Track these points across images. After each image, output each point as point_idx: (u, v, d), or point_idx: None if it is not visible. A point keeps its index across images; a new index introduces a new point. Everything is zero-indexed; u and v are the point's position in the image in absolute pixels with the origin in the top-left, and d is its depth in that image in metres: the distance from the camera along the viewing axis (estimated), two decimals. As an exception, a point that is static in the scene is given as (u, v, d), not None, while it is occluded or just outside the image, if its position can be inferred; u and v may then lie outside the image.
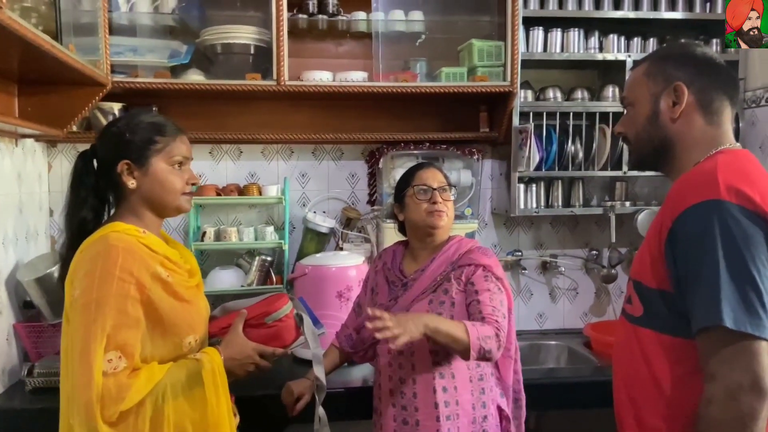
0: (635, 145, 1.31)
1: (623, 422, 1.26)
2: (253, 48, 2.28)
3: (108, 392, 1.15)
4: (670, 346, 1.16)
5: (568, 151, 2.45)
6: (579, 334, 2.57)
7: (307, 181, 2.57)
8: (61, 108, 2.05)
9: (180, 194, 1.37)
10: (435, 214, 1.66)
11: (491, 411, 1.65)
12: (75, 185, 1.37)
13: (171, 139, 1.36)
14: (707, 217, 1.07)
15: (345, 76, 2.34)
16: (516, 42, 2.33)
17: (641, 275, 1.21)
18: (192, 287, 1.38)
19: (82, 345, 1.17)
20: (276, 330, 1.43)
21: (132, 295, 1.21)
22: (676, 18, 2.48)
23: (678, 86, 1.22)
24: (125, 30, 2.25)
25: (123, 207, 1.36)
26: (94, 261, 1.22)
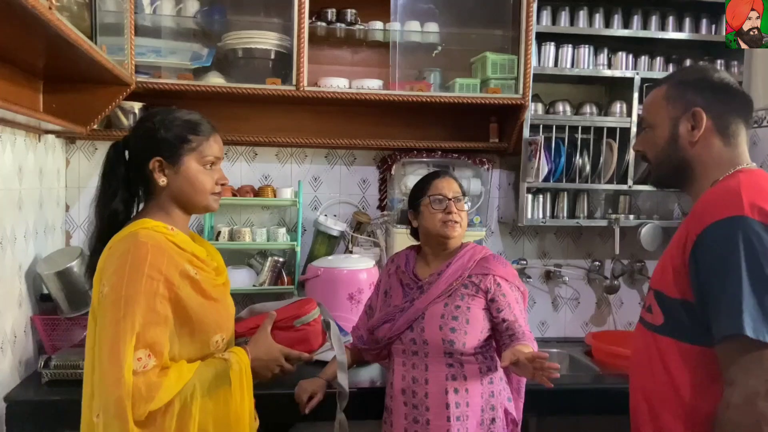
0: (656, 166, 1.37)
1: (640, 426, 1.31)
2: (274, 53, 2.33)
3: (138, 391, 1.14)
4: (690, 354, 1.20)
5: (575, 163, 2.51)
6: (580, 342, 2.63)
7: (320, 184, 2.62)
8: (85, 105, 2.08)
9: (209, 194, 1.36)
10: (449, 224, 1.71)
11: (499, 414, 1.69)
12: (107, 176, 1.35)
13: (204, 138, 1.34)
14: (732, 232, 1.13)
15: (361, 83, 2.40)
16: (529, 56, 2.40)
17: (663, 285, 1.26)
18: (219, 285, 1.37)
19: (112, 343, 1.16)
20: (304, 334, 1.44)
21: (161, 293, 1.21)
22: (682, 38, 2.55)
23: (697, 112, 1.27)
24: (148, 31, 2.30)
25: (152, 203, 1.35)
26: (124, 258, 1.21)
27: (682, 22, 2.58)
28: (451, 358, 1.65)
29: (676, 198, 2.78)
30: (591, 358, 2.48)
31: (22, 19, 1.28)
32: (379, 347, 1.77)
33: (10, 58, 1.70)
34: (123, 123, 2.33)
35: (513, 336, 1.61)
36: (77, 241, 2.44)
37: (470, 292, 1.68)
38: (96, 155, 2.46)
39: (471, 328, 1.64)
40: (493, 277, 1.69)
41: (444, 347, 1.64)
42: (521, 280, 2.66)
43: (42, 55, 1.76)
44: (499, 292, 1.67)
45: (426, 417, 1.64)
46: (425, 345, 1.66)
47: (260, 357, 1.37)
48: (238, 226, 2.47)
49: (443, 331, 1.64)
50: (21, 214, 1.98)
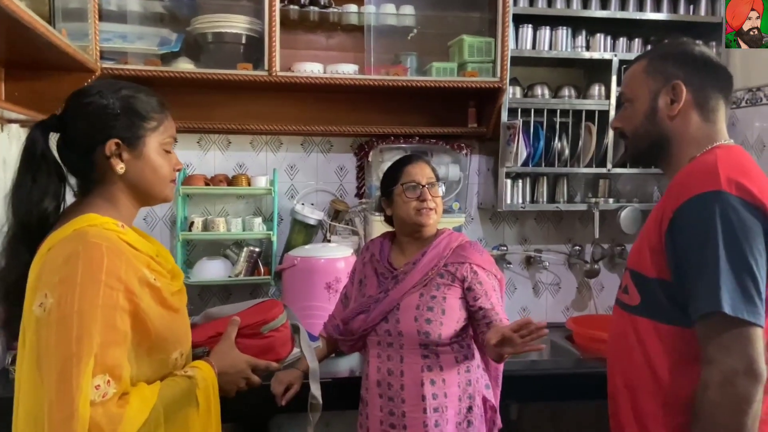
0: (632, 141, 1.34)
1: (619, 409, 1.29)
2: (245, 38, 2.27)
3: (96, 426, 0.94)
4: (667, 334, 1.19)
5: (554, 147, 2.49)
6: (561, 327, 2.61)
7: (296, 172, 2.57)
8: (48, 93, 2.00)
9: (169, 181, 1.19)
10: (424, 212, 1.66)
11: (477, 402, 1.67)
12: (32, 166, 1.09)
13: (164, 116, 1.16)
14: (709, 207, 1.10)
15: (336, 68, 2.35)
16: (506, 39, 2.36)
17: (639, 265, 1.24)
18: (176, 292, 1.17)
19: (61, 370, 0.94)
20: (271, 341, 1.31)
21: (121, 306, 1.01)
22: (661, 19, 2.53)
23: (677, 85, 1.25)
24: (114, 16, 2.22)
25: (95, 194, 1.13)
26: (72, 263, 0.99)
27: (661, 3, 2.55)
28: (426, 349, 1.62)
29: (656, 181, 2.77)
30: (572, 343, 2.47)
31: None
32: (354, 338, 1.73)
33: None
34: (90, 111, 2.25)
35: (490, 324, 1.58)
36: (46, 234, 2.37)
37: (446, 281, 1.64)
38: (63, 145, 2.39)
39: (447, 318, 1.61)
40: (469, 265, 1.65)
41: (419, 339, 1.60)
42: (501, 266, 2.69)
43: (4, 42, 1.69)
44: (475, 280, 1.64)
45: (402, 409, 1.61)
46: (400, 336, 1.62)
47: (226, 371, 1.21)
48: (213, 216, 2.41)
49: (418, 322, 1.60)
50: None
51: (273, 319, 1.32)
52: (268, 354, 1.30)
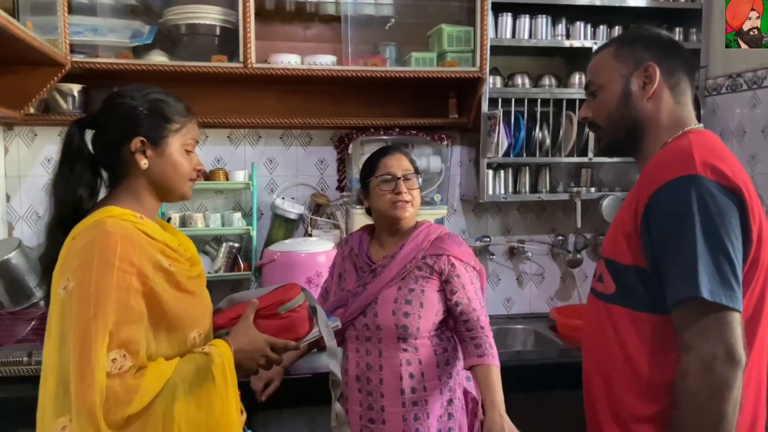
0: (607, 129, 1.30)
1: (594, 400, 1.28)
2: (219, 29, 2.23)
3: (114, 395, 1.06)
4: (643, 322, 1.17)
5: (535, 137, 2.47)
6: (545, 318, 2.61)
7: (275, 166, 2.53)
8: (17, 89, 1.98)
9: (188, 180, 1.28)
10: (399, 205, 1.64)
11: (457, 395, 1.66)
12: (69, 157, 1.23)
13: (188, 120, 1.27)
14: (685, 191, 1.09)
15: (313, 59, 2.32)
16: (485, 27, 2.33)
17: (614, 253, 1.22)
18: (194, 277, 1.27)
19: (81, 345, 1.06)
20: (289, 321, 1.34)
21: (134, 287, 1.11)
22: (641, 6, 2.51)
23: (649, 66, 1.24)
24: (84, 9, 2.17)
25: (122, 188, 1.24)
26: (90, 250, 1.10)
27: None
28: (405, 343, 1.59)
29: (638, 170, 2.75)
30: (556, 333, 2.47)
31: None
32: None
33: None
34: (61, 106, 2.21)
35: (467, 322, 1.59)
36: (20, 232, 2.32)
37: (424, 274, 1.62)
38: (36, 141, 2.34)
39: (425, 311, 1.59)
40: (447, 258, 1.63)
41: (397, 332, 1.58)
42: (485, 257, 2.68)
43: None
44: (453, 273, 1.62)
45: (381, 403, 1.59)
46: (378, 330, 1.60)
47: (244, 348, 1.25)
48: (191, 212, 2.37)
49: (396, 316, 1.58)
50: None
51: (290, 300, 1.34)
52: (286, 333, 1.33)
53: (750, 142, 2.36)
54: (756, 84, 2.33)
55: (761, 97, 2.31)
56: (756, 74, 2.32)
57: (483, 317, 1.63)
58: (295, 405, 1.81)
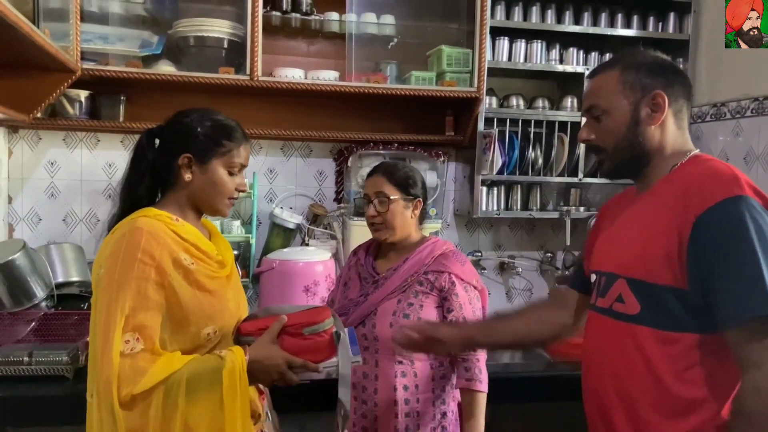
0: (614, 155, 1.29)
1: (614, 421, 1.25)
2: (227, 42, 2.29)
3: (123, 373, 1.16)
4: (673, 342, 1.17)
5: (528, 156, 2.56)
6: (533, 332, 2.68)
7: (275, 176, 2.59)
8: (28, 93, 2.01)
9: (227, 198, 1.37)
10: (371, 226, 1.72)
11: (451, 408, 1.69)
12: (136, 161, 1.37)
13: (236, 145, 1.36)
14: (737, 212, 1.09)
15: (317, 74, 2.38)
16: (483, 50, 2.43)
17: (643, 274, 1.20)
18: (220, 278, 1.35)
19: (104, 325, 1.18)
20: (312, 343, 1.35)
21: (153, 279, 1.21)
22: (631, 36, 2.63)
23: (658, 95, 1.24)
24: (95, 17, 2.23)
25: (169, 195, 1.37)
26: (120, 242, 1.23)
27: (631, 20, 2.66)
28: (401, 355, 1.63)
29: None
30: (544, 348, 2.53)
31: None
32: None
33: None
34: (68, 111, 2.25)
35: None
36: (20, 234, 2.35)
37: (424, 289, 1.66)
38: (40, 145, 2.37)
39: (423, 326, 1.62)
40: (448, 275, 1.67)
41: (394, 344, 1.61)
42: (476, 271, 2.74)
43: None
44: (452, 291, 1.66)
45: (374, 413, 1.63)
46: (375, 341, 1.64)
47: (259, 359, 1.28)
48: (191, 219, 2.41)
49: (393, 328, 1.61)
50: (-41, 206, 1.89)
51: (316, 323, 1.35)
52: (307, 354, 1.34)
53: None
54: (739, 113, 2.44)
55: (744, 126, 2.42)
56: (739, 104, 2.43)
57: None
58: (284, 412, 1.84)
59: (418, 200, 1.74)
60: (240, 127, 1.40)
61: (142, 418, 1.16)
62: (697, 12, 2.64)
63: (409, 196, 1.72)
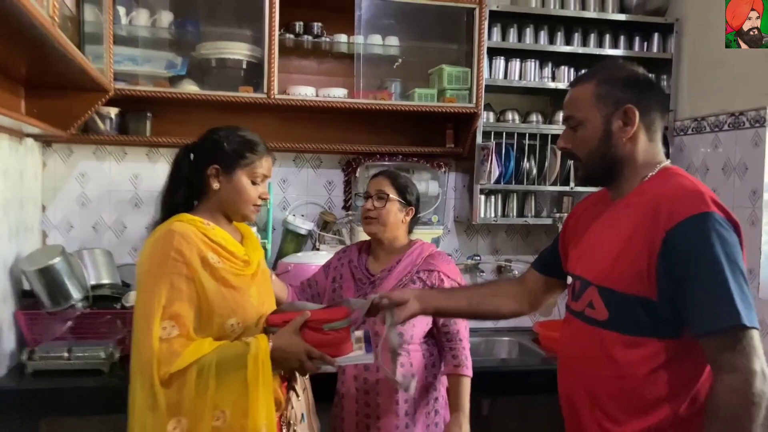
0: (587, 163, 1.35)
1: (580, 415, 1.33)
2: (245, 63, 2.48)
3: (162, 355, 1.32)
4: (639, 345, 1.24)
5: (523, 167, 2.75)
6: (529, 331, 2.86)
7: (288, 186, 2.78)
8: (65, 110, 2.19)
9: (251, 205, 1.53)
10: (365, 219, 1.89)
11: (441, 393, 1.88)
12: (174, 173, 1.55)
13: (258, 157, 1.52)
14: (704, 227, 1.16)
15: (327, 92, 2.57)
16: (481, 69, 2.63)
17: (613, 283, 1.27)
18: (245, 276, 1.49)
19: (145, 314, 1.35)
20: (330, 338, 1.46)
21: (184, 274, 1.38)
22: (618, 55, 2.82)
23: (629, 109, 1.29)
24: (124, 41, 2.41)
25: (202, 202, 1.54)
26: (156, 243, 1.41)
27: (618, 40, 2.85)
28: (399, 348, 1.78)
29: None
30: (538, 345, 2.72)
31: (23, 32, 1.40)
32: None
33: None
34: (99, 127, 2.44)
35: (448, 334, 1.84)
36: (53, 240, 2.53)
37: (417, 287, 1.84)
38: (71, 158, 2.56)
39: (417, 320, 1.77)
40: (438, 273, 1.86)
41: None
42: (475, 274, 2.93)
43: (30, 64, 1.86)
44: (441, 287, 1.84)
45: (377, 401, 1.80)
46: (377, 337, 1.76)
47: (281, 347, 1.42)
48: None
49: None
50: (4, 214, 2.07)
51: (335, 320, 1.47)
52: (324, 348, 1.46)
53: (712, 178, 2.65)
54: (717, 127, 2.63)
55: (722, 139, 2.61)
56: (718, 118, 2.63)
57: (463, 330, 1.86)
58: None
59: (411, 208, 1.92)
60: (262, 142, 1.56)
61: (178, 394, 1.33)
62: (679, 33, 2.84)
63: (405, 201, 1.90)
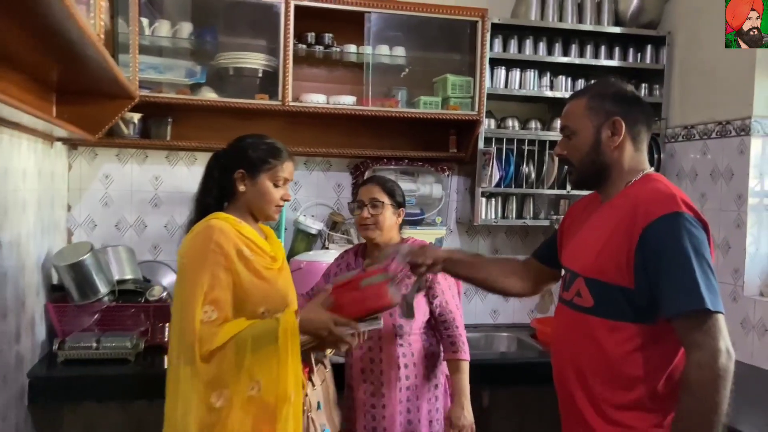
0: (579, 168, 1.50)
1: (573, 394, 1.46)
2: (261, 72, 2.63)
3: (203, 335, 1.47)
4: (620, 329, 1.38)
5: (522, 171, 2.90)
6: (526, 327, 3.01)
7: (299, 188, 2.93)
8: (94, 116, 2.31)
9: (274, 206, 1.67)
10: (362, 226, 2.01)
11: (441, 381, 2.03)
12: (206, 177, 1.70)
13: (280, 163, 1.67)
14: (675, 225, 1.32)
15: (337, 99, 2.72)
16: (483, 78, 2.78)
17: (598, 274, 1.41)
18: (273, 269, 1.66)
19: (188, 300, 1.50)
20: (368, 294, 1.60)
21: (222, 264, 1.53)
22: (613, 65, 2.98)
23: (617, 121, 1.44)
24: (147, 50, 2.56)
25: (231, 203, 1.68)
26: (197, 237, 1.57)
27: (613, 52, 3.01)
28: (401, 339, 1.95)
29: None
30: (535, 340, 2.87)
31: (70, 46, 1.54)
32: None
33: (33, 74, 1.94)
34: (123, 131, 2.58)
35: (445, 323, 1.97)
36: (78, 238, 2.67)
37: (412, 281, 1.91)
38: (96, 160, 2.71)
39: (416, 312, 1.89)
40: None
41: (395, 330, 1.93)
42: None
43: (63, 72, 2.00)
44: (435, 280, 1.98)
45: (381, 390, 1.94)
46: (379, 330, 1.91)
47: (309, 318, 1.56)
48: (227, 225, 2.74)
49: (393, 317, 1.91)
50: (38, 213, 2.22)
51: (371, 276, 1.63)
52: (368, 302, 1.61)
53: (701, 183, 2.80)
54: (706, 135, 2.79)
55: (710, 146, 2.76)
56: (706, 127, 2.78)
57: (458, 318, 2.00)
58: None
59: (402, 209, 2.07)
60: (284, 148, 1.70)
61: (218, 368, 1.47)
62: (671, 45, 2.99)
63: (396, 203, 2.04)
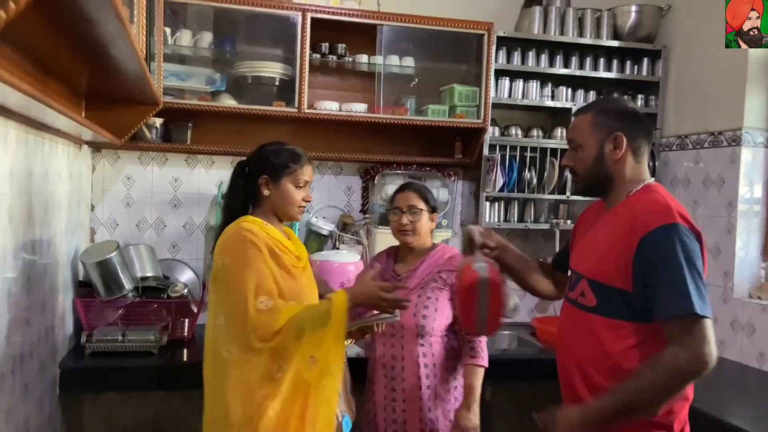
0: (584, 178, 1.62)
1: (575, 386, 1.57)
2: (278, 80, 2.76)
3: (264, 322, 1.60)
4: (619, 328, 1.49)
5: (524, 177, 3.04)
6: (527, 325, 3.14)
7: (311, 191, 2.99)
8: (120, 121, 2.43)
9: (296, 207, 1.80)
10: (401, 232, 2.11)
11: (459, 381, 2.10)
12: (232, 183, 1.83)
13: (300, 166, 1.80)
14: (670, 236, 1.42)
15: (349, 106, 2.85)
16: (488, 88, 2.91)
17: (600, 276, 1.52)
18: (298, 267, 1.79)
19: (240, 293, 1.62)
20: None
21: (262, 259, 1.66)
22: (611, 77, 3.13)
23: (619, 136, 1.56)
24: (170, 58, 2.67)
25: (257, 207, 1.81)
26: (233, 238, 1.69)
27: (611, 64, 3.15)
28: (422, 339, 2.01)
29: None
30: (536, 338, 2.99)
31: (116, 63, 1.67)
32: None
33: (66, 81, 2.05)
34: (146, 136, 2.70)
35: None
36: (100, 236, 2.79)
37: (439, 285, 2.07)
38: (118, 162, 2.82)
39: (439, 314, 2.00)
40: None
41: (417, 330, 2.00)
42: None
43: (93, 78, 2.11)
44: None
45: (402, 386, 2.02)
46: (402, 328, 2.01)
47: (357, 293, 1.70)
48: (243, 226, 2.86)
49: (416, 317, 1.99)
50: (67, 213, 2.34)
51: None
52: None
53: (693, 190, 2.95)
54: (699, 145, 2.93)
55: (702, 156, 2.91)
56: (699, 137, 2.93)
57: None
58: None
59: (435, 213, 2.17)
60: (304, 153, 1.83)
61: (281, 345, 1.60)
62: (666, 58, 3.14)
63: (431, 209, 2.15)
